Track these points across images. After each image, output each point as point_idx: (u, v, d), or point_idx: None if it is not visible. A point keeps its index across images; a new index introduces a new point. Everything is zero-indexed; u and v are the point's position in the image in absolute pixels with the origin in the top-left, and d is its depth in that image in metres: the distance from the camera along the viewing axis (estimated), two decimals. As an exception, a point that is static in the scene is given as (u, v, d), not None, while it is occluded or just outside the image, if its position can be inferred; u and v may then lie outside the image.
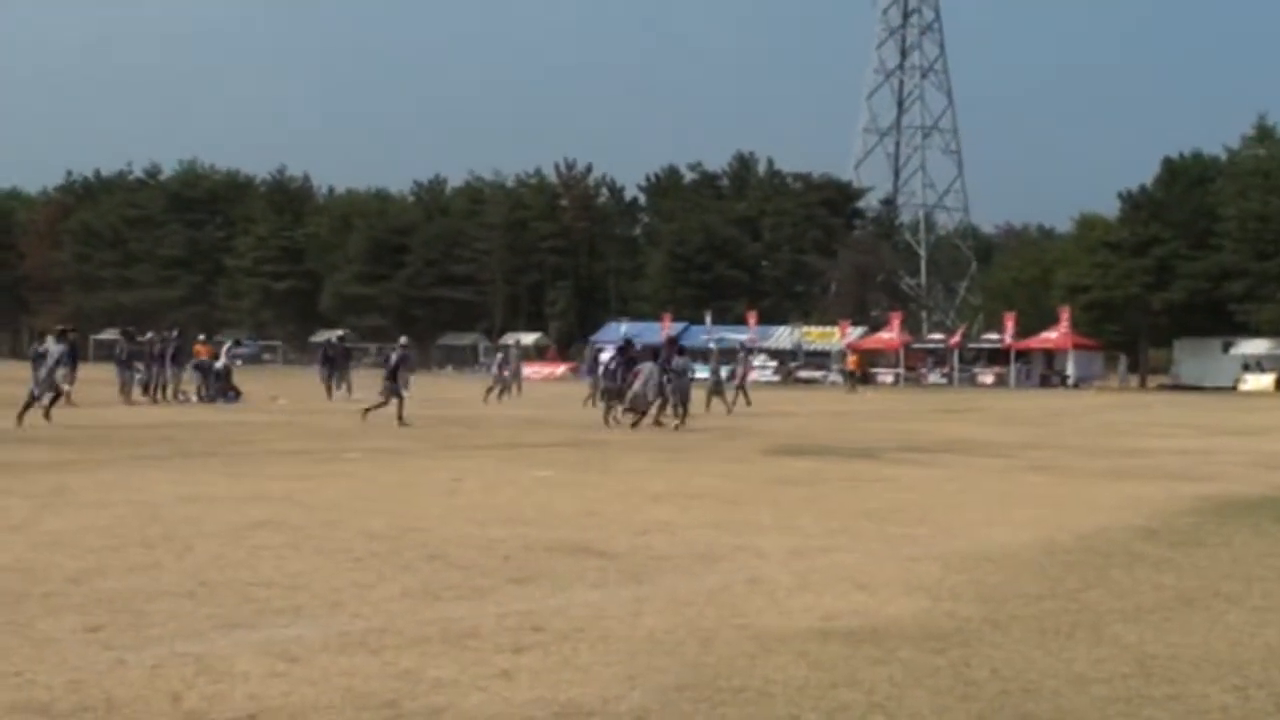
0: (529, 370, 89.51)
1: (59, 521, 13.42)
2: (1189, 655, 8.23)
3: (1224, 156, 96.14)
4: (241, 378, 46.20)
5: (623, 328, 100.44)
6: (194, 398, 41.19)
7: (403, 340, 36.16)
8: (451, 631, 8.54)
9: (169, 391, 41.01)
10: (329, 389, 44.96)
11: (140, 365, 41.21)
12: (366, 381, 43.20)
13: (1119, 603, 9.90)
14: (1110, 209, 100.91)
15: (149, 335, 43.54)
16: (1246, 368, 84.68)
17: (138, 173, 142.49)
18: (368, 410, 31.55)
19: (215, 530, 12.88)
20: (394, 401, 31.70)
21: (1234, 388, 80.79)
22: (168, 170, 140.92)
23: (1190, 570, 11.48)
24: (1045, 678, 7.63)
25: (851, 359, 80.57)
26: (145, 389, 40.53)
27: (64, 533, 12.62)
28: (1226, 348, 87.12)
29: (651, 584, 10.46)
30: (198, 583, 10.08)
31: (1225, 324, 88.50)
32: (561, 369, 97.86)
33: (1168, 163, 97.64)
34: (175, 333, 45.16)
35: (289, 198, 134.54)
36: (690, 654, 8.05)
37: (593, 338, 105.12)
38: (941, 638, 8.59)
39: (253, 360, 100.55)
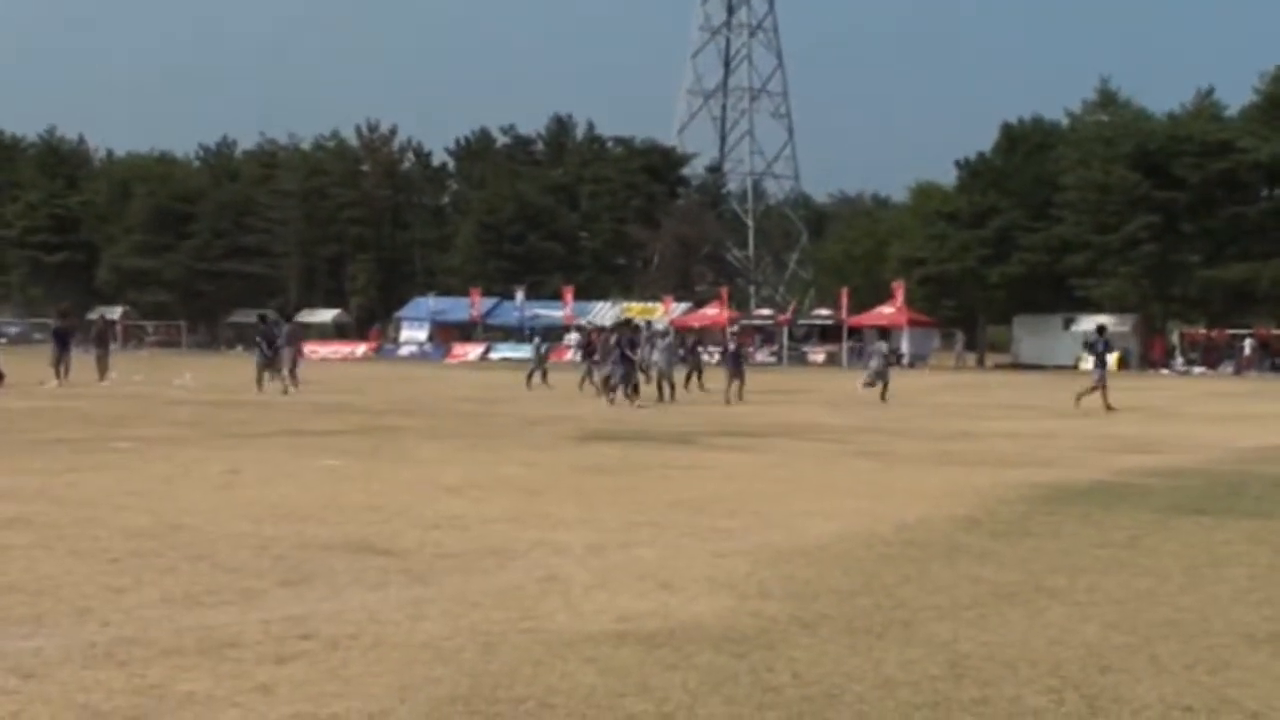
0: (326, 350, 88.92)
1: None
2: (1004, 655, 8.29)
3: (1065, 123, 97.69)
4: (6, 359, 45.09)
5: (430, 302, 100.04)
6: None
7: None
8: (210, 640, 8.36)
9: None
10: (57, 371, 43.58)
11: None
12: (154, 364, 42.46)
13: (935, 598, 9.98)
14: (947, 177, 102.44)
15: None
16: (1088, 345, 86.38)
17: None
18: None
19: (-43, 530, 12.53)
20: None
21: (1075, 366, 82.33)
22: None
23: (1013, 563, 11.61)
24: (850, 681, 7.64)
25: (593, 334, 79.86)
26: None
27: None
28: (1067, 324, 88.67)
29: (436, 584, 10.34)
30: (-70, 590, 9.78)
31: (1066, 299, 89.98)
32: (362, 349, 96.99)
33: (1007, 128, 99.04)
34: None
35: (61, 161, 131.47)
36: (470, 661, 7.95)
37: (397, 313, 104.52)
38: (744, 640, 8.58)
39: (22, 340, 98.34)
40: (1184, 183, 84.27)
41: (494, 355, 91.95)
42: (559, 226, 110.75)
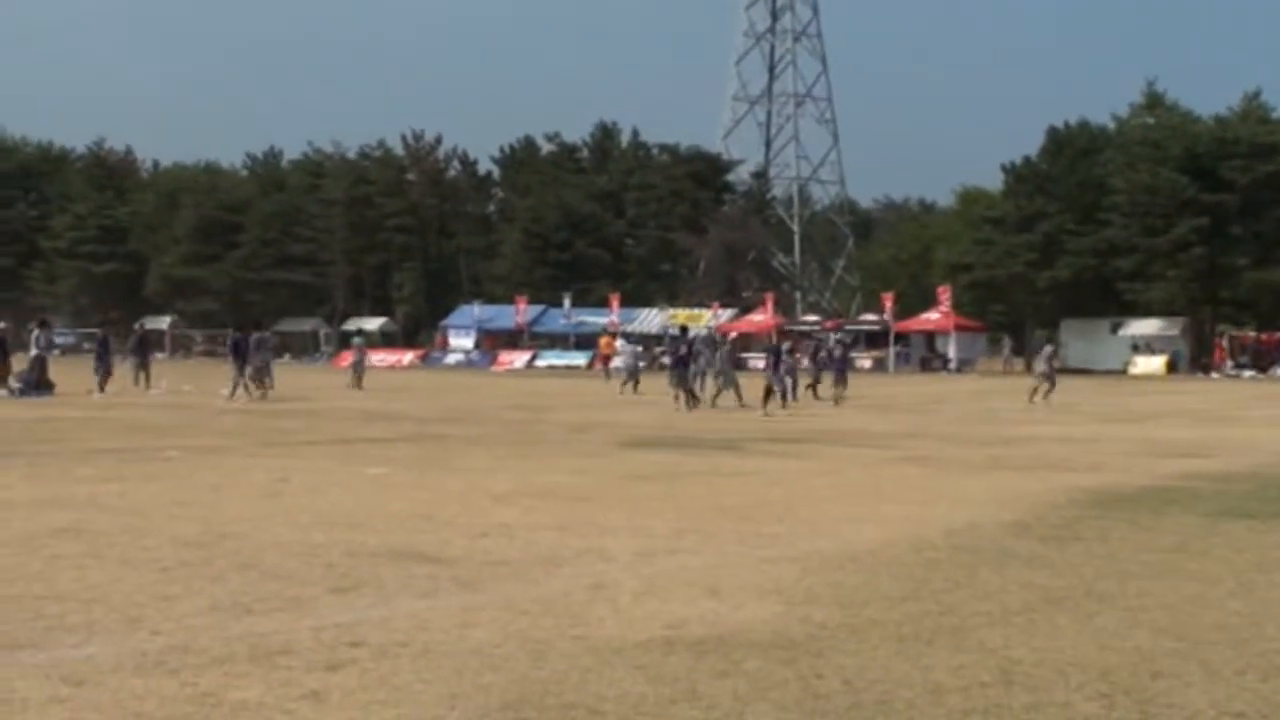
0: (374, 358, 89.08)
1: None
2: (1054, 660, 8.27)
3: (1112, 126, 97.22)
4: (57, 369, 45.27)
5: (476, 310, 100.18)
6: (4, 392, 40.39)
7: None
8: (261, 648, 8.39)
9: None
10: (103, 383, 43.80)
11: None
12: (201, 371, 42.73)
13: (985, 604, 9.95)
14: (993, 181, 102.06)
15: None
16: (1136, 349, 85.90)
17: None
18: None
19: (9, 539, 12.61)
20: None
21: (1124, 371, 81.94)
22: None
23: (1063, 568, 11.58)
24: (900, 688, 7.63)
25: (605, 340, 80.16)
26: None
27: None
28: (1115, 329, 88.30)
29: (485, 592, 10.36)
30: (-17, 598, 9.85)
31: (1114, 303, 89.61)
32: (409, 356, 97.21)
33: (1053, 132, 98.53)
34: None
35: (109, 172, 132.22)
36: (520, 668, 7.97)
37: (444, 321, 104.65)
38: (793, 646, 8.57)
39: (73, 350, 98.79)
40: (1232, 185, 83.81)
41: (540, 363, 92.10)
42: (605, 233, 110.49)
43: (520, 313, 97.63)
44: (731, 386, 39.78)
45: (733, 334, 55.97)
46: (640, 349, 56.86)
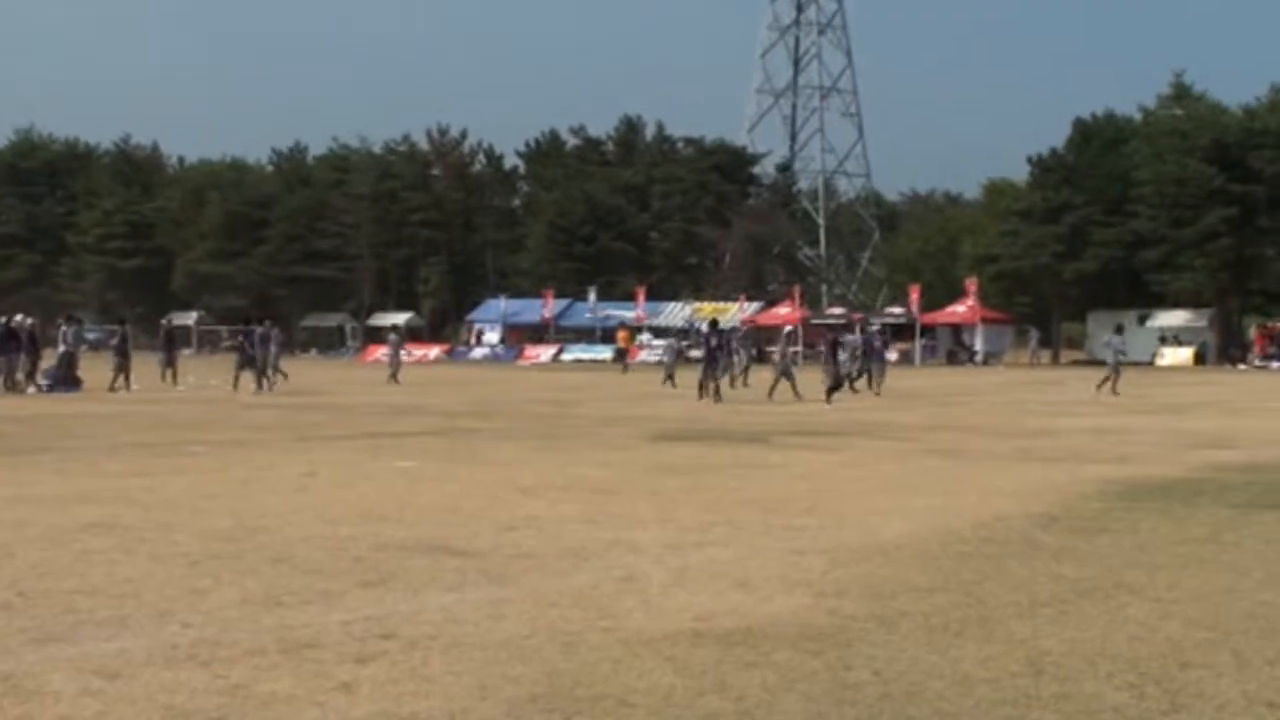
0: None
1: None
2: (1084, 651, 8.26)
3: (1139, 117, 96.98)
4: (85, 365, 45.40)
5: (502, 304, 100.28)
6: (32, 388, 40.51)
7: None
8: (291, 641, 8.42)
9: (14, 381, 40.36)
10: (128, 379, 43.90)
11: None
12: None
13: (1014, 596, 9.94)
14: (1020, 173, 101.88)
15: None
16: (1164, 341, 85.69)
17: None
18: None
19: (40, 534, 12.66)
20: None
21: (1151, 362, 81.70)
22: (0, 140, 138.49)
23: (1092, 559, 11.55)
24: (929, 679, 7.63)
25: (622, 334, 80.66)
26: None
27: (-127, 540, 12.35)
28: (1143, 320, 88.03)
29: (514, 584, 10.38)
30: (15, 593, 9.88)
31: (1141, 295, 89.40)
32: (435, 351, 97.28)
33: (1079, 124, 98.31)
34: (24, 318, 44.06)
35: (136, 168, 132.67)
36: (549, 660, 7.98)
37: (470, 316, 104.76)
38: (822, 638, 8.57)
39: (101, 346, 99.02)
40: (1260, 175, 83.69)
41: (566, 356, 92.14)
42: (630, 227, 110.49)
43: (547, 306, 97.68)
44: (785, 376, 39.99)
45: (788, 327, 55.91)
46: (675, 342, 56.98)
